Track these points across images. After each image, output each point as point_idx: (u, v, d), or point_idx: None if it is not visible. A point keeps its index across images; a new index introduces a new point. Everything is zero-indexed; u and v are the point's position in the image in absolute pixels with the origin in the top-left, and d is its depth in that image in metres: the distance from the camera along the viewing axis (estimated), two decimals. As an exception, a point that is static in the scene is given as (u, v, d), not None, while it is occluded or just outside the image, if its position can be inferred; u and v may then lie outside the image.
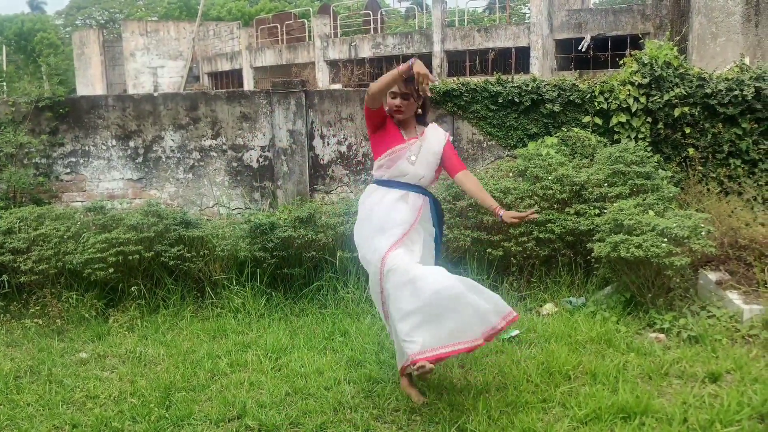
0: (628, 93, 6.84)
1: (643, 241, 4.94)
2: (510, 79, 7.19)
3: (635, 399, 3.74)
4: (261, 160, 7.44)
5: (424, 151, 3.92)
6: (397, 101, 3.88)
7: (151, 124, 7.43)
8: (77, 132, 7.41)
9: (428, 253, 4.00)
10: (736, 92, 6.76)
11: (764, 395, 3.66)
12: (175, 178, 7.48)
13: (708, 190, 6.56)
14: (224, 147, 7.44)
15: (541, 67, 20.08)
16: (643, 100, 6.83)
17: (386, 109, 3.93)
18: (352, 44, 24.36)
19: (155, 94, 7.55)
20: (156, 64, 31.72)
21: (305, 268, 5.89)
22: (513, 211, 4.69)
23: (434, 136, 4.01)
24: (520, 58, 21.38)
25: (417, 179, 3.91)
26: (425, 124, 4.06)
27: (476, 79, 7.40)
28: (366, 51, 24.01)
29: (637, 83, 6.84)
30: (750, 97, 6.74)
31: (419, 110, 3.99)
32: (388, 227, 3.79)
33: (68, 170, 7.46)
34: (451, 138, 4.18)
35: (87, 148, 7.43)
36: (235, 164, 7.46)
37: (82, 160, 7.45)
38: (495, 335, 3.77)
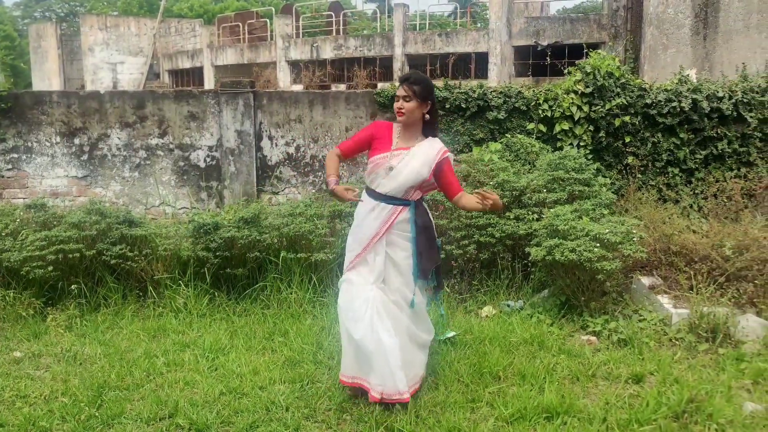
0: (571, 101, 7.01)
1: (577, 246, 5.07)
2: (458, 85, 7.30)
3: (560, 399, 3.85)
4: (208, 159, 7.43)
5: (404, 163, 3.85)
6: (398, 103, 3.87)
7: (97, 122, 7.35)
8: (20, 128, 7.30)
9: (394, 271, 3.94)
10: (675, 103, 6.99)
11: (681, 395, 3.80)
12: (120, 176, 7.41)
13: (646, 197, 6.76)
14: (171, 146, 7.40)
15: (500, 73, 20.33)
16: (585, 108, 7.01)
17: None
18: (314, 45, 24.33)
19: (102, 92, 7.47)
20: (116, 59, 31.19)
21: (249, 268, 5.91)
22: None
23: (422, 152, 3.88)
24: (480, 63, 21.62)
25: (388, 190, 3.89)
26: (433, 136, 3.98)
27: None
28: (328, 52, 24.00)
29: (580, 92, 7.02)
30: (687, 109, 6.98)
31: (427, 115, 3.90)
32: (352, 245, 4.00)
33: (9, 166, 7.34)
34: (451, 157, 3.97)
35: (30, 144, 7.32)
36: (181, 163, 7.43)
37: (24, 157, 7.34)
38: (386, 401, 3.80)
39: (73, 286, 5.71)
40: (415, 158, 3.86)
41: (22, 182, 7.38)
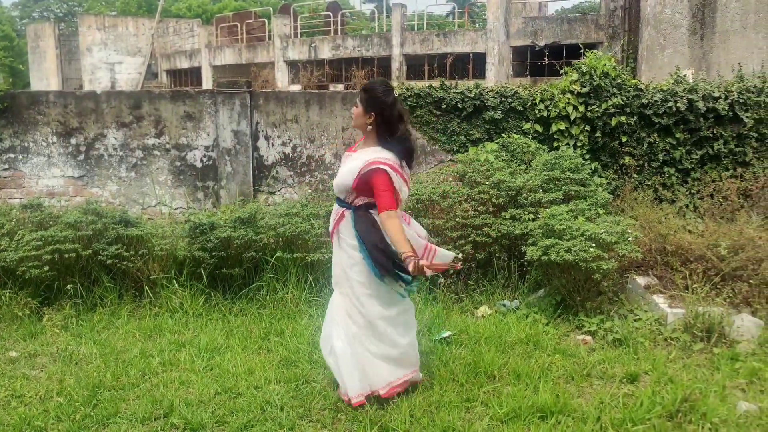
0: (567, 101, 7.01)
1: (572, 246, 5.07)
2: (454, 85, 7.31)
3: (554, 398, 3.86)
4: (205, 159, 7.43)
5: (343, 165, 3.91)
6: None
7: (94, 122, 7.35)
8: (16, 128, 7.30)
9: (343, 277, 3.93)
10: (670, 103, 7.00)
11: (675, 395, 3.81)
12: (117, 176, 7.41)
13: (642, 197, 6.77)
14: (168, 146, 7.40)
15: (497, 73, 20.32)
16: (581, 108, 7.01)
17: None
18: (312, 45, 24.31)
19: (98, 92, 7.47)
20: (114, 59, 31.15)
21: (245, 268, 5.91)
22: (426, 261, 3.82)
23: (359, 158, 3.79)
24: (478, 63, 21.62)
25: (335, 189, 3.98)
26: (389, 148, 3.80)
27: (422, 84, 7.50)
28: (326, 52, 23.98)
29: (576, 92, 7.03)
30: (683, 109, 6.98)
31: (369, 126, 3.81)
32: None
33: (6, 166, 7.34)
34: (383, 170, 3.70)
35: (26, 144, 7.32)
36: (178, 163, 7.43)
37: (21, 157, 7.34)
38: (348, 402, 3.89)
39: (69, 286, 5.71)
40: (351, 163, 3.82)
41: (19, 182, 7.38)
